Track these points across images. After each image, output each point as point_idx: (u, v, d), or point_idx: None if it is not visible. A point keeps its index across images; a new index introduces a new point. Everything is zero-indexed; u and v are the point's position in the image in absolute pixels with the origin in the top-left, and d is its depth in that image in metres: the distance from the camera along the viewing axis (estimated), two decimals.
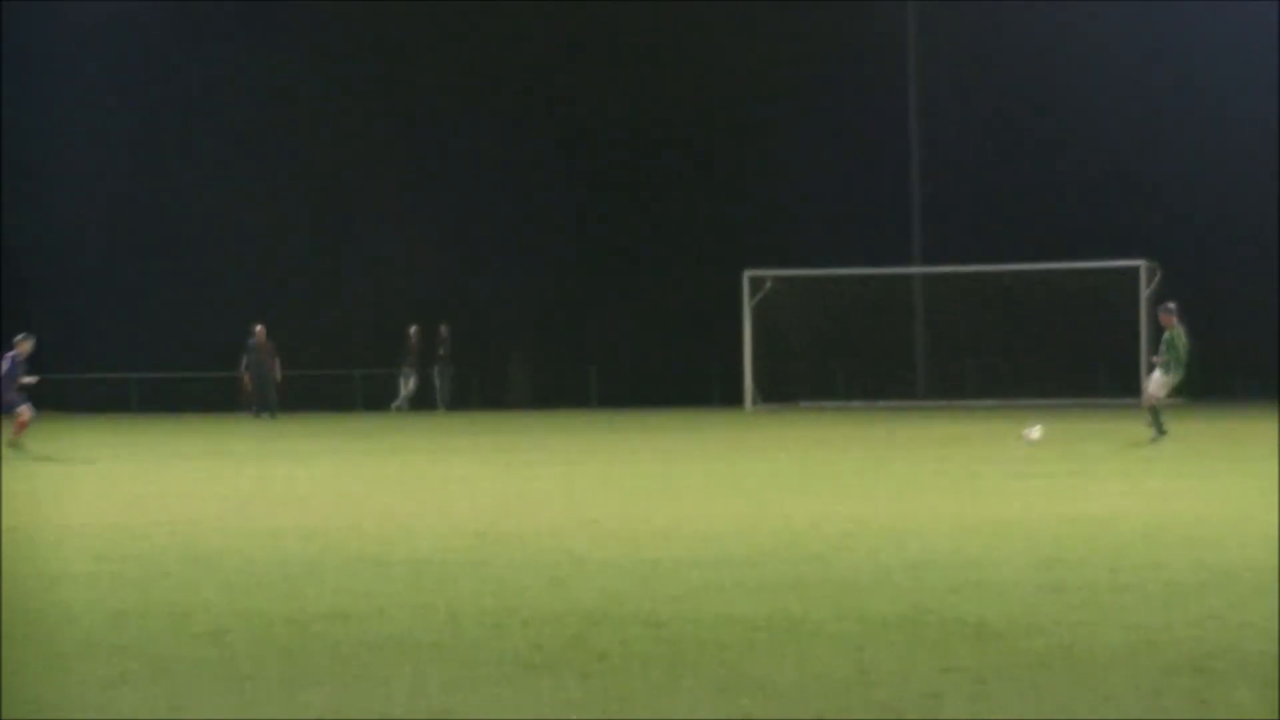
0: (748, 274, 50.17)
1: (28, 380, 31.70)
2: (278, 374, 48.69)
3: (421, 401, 53.13)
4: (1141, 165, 58.11)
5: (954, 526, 15.89)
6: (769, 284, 50.53)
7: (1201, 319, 52.29)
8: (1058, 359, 52.13)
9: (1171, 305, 30.33)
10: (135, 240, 61.03)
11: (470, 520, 17.20)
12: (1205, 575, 12.45)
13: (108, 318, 59.81)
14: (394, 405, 53.21)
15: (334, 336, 59.03)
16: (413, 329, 53.41)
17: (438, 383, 53.45)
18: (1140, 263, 46.91)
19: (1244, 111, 55.65)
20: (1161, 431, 29.11)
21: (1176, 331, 29.75)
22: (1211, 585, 11.95)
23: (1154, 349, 31.24)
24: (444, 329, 53.56)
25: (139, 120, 60.65)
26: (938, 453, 27.81)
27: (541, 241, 59.62)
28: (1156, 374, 29.92)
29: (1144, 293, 46.01)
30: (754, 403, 49.47)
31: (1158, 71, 57.80)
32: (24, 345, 32.02)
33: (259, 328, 49.23)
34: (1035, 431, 28.69)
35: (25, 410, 31.40)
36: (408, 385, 53.26)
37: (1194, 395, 47.02)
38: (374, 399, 55.06)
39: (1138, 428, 30.66)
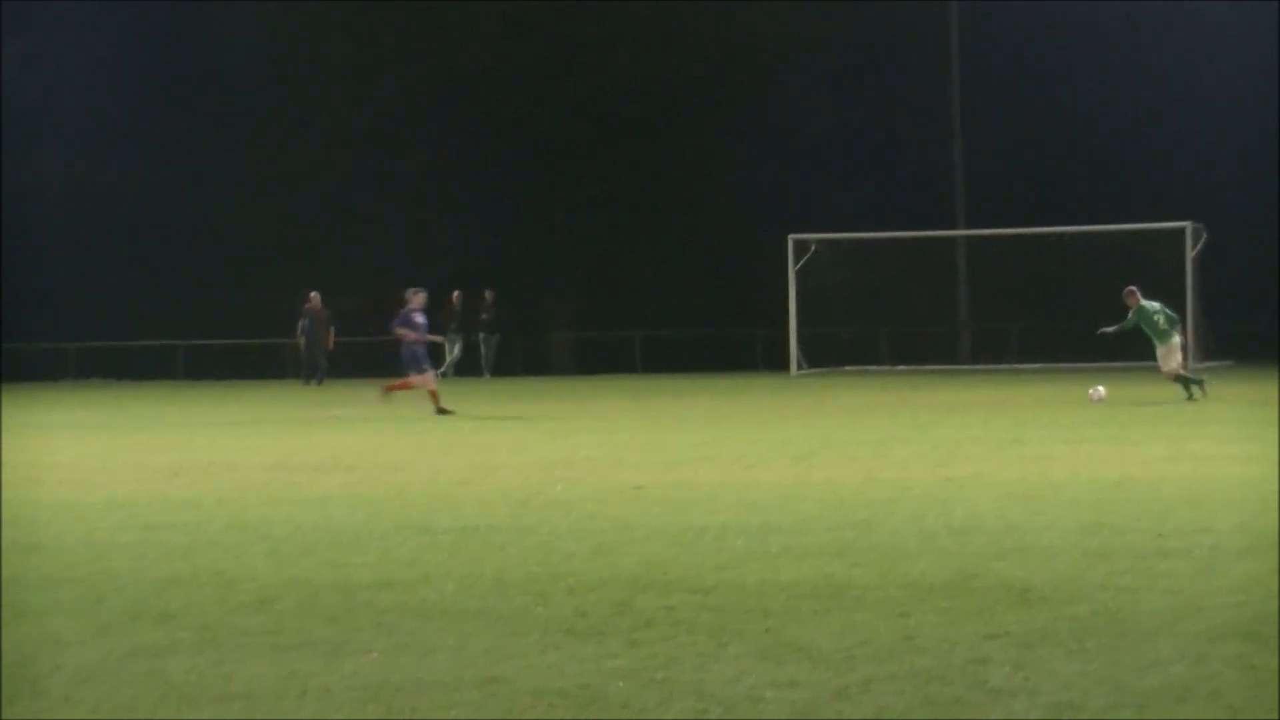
0: (792, 237, 50.05)
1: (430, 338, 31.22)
2: (331, 341, 48.79)
3: (466, 368, 53.16)
4: (1188, 125, 57.76)
5: (999, 491, 15.87)
6: (814, 247, 50.38)
7: (1249, 281, 52.08)
8: (1102, 322, 51.86)
9: (1133, 288, 31.89)
10: (183, 207, 61.08)
11: (515, 487, 17.24)
12: (1251, 540, 12.41)
13: (156, 284, 59.94)
14: (440, 372, 53.22)
15: (379, 302, 58.98)
16: (455, 294, 53.44)
17: (483, 349, 53.51)
18: (1186, 224, 46.63)
19: None
20: (1190, 397, 30.34)
21: (1141, 309, 31.30)
22: (1257, 550, 11.92)
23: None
24: (488, 294, 53.59)
25: (177, 83, 60.47)
26: (982, 417, 27.76)
27: (585, 206, 59.56)
28: (1161, 349, 31.26)
29: (1190, 254, 45.76)
30: (799, 367, 49.36)
31: (1206, 30, 57.40)
32: (418, 298, 30.98)
33: (314, 294, 49.34)
34: (1099, 391, 29.91)
35: (429, 374, 30.69)
36: (453, 351, 53.31)
37: (1240, 358, 46.87)
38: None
39: (1175, 391, 31.03)
